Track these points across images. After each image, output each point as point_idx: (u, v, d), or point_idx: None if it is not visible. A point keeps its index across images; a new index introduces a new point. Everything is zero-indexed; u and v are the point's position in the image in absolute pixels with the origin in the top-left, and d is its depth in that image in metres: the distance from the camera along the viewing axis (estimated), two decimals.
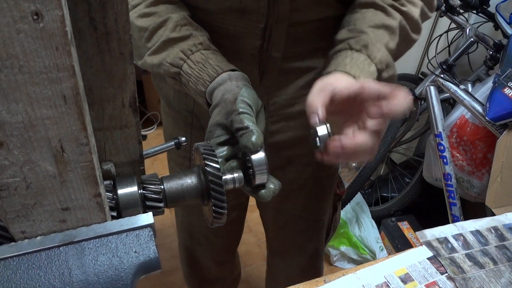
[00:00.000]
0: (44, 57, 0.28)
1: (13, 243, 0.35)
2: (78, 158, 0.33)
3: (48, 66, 0.29)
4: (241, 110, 0.53)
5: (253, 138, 0.50)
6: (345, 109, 0.54)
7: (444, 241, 0.70)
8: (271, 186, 0.52)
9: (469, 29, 1.49)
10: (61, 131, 0.32)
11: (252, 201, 1.08)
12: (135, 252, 0.36)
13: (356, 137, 0.50)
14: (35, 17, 0.27)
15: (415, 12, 0.66)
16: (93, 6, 0.35)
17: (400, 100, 0.49)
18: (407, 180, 1.92)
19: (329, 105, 0.52)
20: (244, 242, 1.87)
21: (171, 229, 1.91)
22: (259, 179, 0.50)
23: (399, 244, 1.69)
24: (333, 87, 0.52)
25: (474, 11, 1.51)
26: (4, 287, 0.33)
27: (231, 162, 0.53)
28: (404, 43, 0.67)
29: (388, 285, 0.62)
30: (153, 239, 0.38)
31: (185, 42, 0.63)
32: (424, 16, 0.69)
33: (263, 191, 0.51)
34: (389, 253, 1.74)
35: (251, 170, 0.50)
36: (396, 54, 0.67)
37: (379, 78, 0.61)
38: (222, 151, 0.54)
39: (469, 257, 0.68)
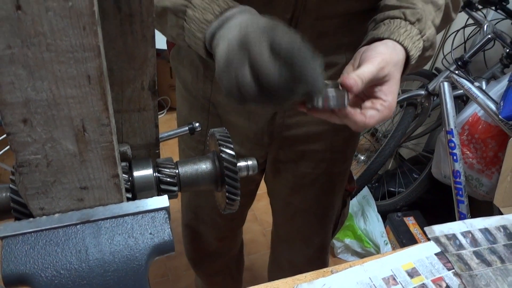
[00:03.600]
0: (71, 36, 0.28)
1: (31, 219, 0.36)
2: (99, 138, 0.34)
3: (75, 45, 0.29)
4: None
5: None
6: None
7: (452, 237, 0.70)
8: None
9: (486, 26, 1.47)
10: (83, 111, 0.32)
11: (260, 189, 1.09)
12: (150, 233, 0.37)
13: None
14: None
15: None
16: None
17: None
18: (415, 175, 1.92)
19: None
20: (249, 231, 1.88)
21: (178, 214, 1.92)
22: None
23: (404, 239, 1.70)
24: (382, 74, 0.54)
25: (493, 8, 1.48)
26: (22, 262, 0.34)
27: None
28: (444, 22, 0.66)
29: (394, 279, 0.62)
30: (168, 222, 0.38)
31: None
32: None
33: None
34: (394, 248, 1.75)
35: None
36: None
37: (422, 55, 0.60)
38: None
39: (477, 254, 0.68)
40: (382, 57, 0.54)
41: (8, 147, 1.86)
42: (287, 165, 0.91)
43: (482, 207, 1.59)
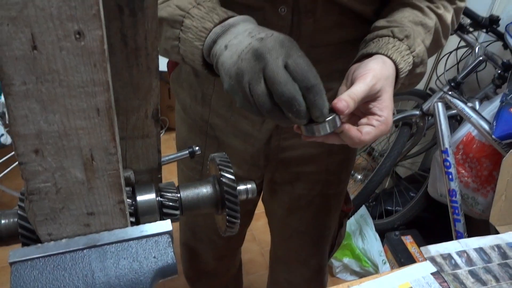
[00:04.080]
0: (82, 73, 0.30)
1: (39, 244, 0.37)
2: (106, 166, 0.35)
3: (86, 81, 0.31)
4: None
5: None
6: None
7: (447, 257, 0.71)
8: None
9: (478, 48, 1.51)
10: (92, 141, 0.34)
11: (258, 209, 1.10)
12: (154, 257, 0.38)
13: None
14: (77, 36, 0.29)
15: (448, 17, 0.67)
16: (125, 23, 0.37)
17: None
18: (412, 194, 1.93)
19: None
20: (248, 251, 1.88)
21: (176, 234, 1.93)
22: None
23: (402, 258, 1.70)
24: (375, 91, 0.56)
25: (484, 30, 1.53)
26: (31, 286, 0.35)
27: None
28: (435, 47, 0.69)
29: None
30: (171, 245, 0.39)
31: None
32: (452, 24, 0.70)
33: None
34: (392, 267, 1.75)
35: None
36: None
37: (412, 71, 0.62)
38: None
39: (472, 273, 0.69)
40: (373, 74, 0.56)
41: (7, 169, 1.87)
42: (283, 186, 0.93)
43: (479, 225, 1.60)
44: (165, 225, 0.40)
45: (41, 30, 0.28)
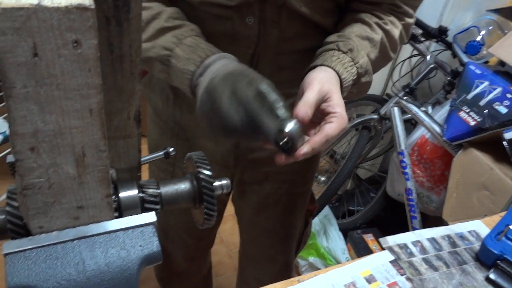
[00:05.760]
0: (78, 77, 0.34)
1: (31, 236, 0.40)
2: (96, 162, 0.39)
3: (81, 84, 0.34)
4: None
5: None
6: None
7: (404, 246, 0.78)
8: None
9: (429, 56, 1.62)
10: (84, 139, 0.37)
11: (227, 212, 1.14)
12: (140, 246, 0.42)
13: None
14: (75, 44, 0.33)
15: (395, 32, 0.75)
16: (112, 33, 0.40)
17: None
18: (372, 194, 2.03)
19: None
20: (216, 253, 1.91)
21: None
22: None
23: (364, 255, 1.78)
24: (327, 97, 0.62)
25: (434, 40, 1.64)
26: (25, 275, 0.38)
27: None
28: (382, 59, 0.76)
29: (354, 285, 0.69)
30: (156, 234, 0.43)
31: (179, 29, 0.67)
32: (401, 39, 0.78)
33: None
34: None
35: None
36: (374, 67, 0.74)
37: (358, 81, 0.69)
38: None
39: (425, 261, 0.76)
40: (317, 80, 0.62)
41: None
42: (252, 186, 0.97)
43: (434, 222, 1.70)
44: (150, 216, 0.44)
45: (42, 39, 0.32)
